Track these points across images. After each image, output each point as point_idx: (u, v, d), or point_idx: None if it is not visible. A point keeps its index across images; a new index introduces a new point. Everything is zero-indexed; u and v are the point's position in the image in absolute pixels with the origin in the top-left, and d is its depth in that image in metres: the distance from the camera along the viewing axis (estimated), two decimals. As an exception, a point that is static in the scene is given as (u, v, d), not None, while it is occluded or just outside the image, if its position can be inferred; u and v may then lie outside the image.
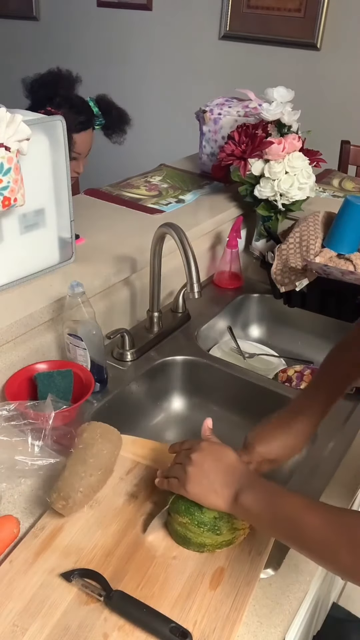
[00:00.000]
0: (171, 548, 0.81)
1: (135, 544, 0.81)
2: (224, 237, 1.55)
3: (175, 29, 3.11)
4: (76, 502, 0.81)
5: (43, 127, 1.04)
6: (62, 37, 3.53)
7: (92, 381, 1.05)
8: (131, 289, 1.28)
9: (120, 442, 0.93)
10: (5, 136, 0.91)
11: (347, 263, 1.33)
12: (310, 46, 2.72)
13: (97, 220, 1.42)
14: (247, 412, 1.19)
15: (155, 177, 1.73)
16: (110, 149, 1.73)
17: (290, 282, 1.34)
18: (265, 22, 2.79)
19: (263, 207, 1.50)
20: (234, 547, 0.80)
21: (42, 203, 1.10)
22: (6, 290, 1.10)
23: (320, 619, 1.44)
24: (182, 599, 0.74)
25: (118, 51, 3.37)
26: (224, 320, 1.44)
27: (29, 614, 0.71)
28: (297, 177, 1.43)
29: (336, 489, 0.93)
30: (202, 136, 1.72)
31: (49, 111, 1.28)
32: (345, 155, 2.33)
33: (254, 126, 1.46)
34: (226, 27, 2.92)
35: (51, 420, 0.95)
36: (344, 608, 1.59)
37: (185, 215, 1.47)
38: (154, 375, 1.21)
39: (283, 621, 0.74)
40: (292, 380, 1.32)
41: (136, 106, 1.87)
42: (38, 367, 1.07)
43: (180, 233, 1.05)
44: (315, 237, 1.37)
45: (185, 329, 1.33)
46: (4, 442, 0.92)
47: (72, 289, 1.01)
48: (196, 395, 1.26)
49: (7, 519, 0.82)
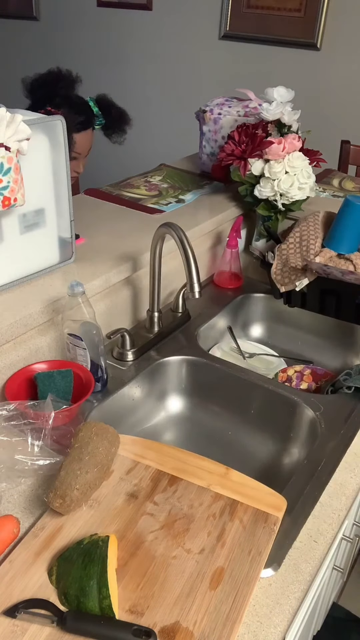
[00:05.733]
0: (171, 548, 0.81)
1: (135, 544, 0.81)
2: (224, 237, 1.55)
3: (175, 29, 3.11)
4: (73, 499, 0.81)
5: (43, 127, 1.04)
6: (62, 37, 3.53)
7: (92, 381, 1.05)
8: (131, 289, 1.28)
9: (117, 439, 0.93)
10: (5, 136, 0.91)
11: (347, 263, 1.33)
12: (310, 46, 2.72)
13: (97, 220, 1.42)
14: (247, 412, 1.20)
15: (155, 177, 1.73)
16: (110, 149, 1.73)
17: (290, 282, 1.34)
18: (265, 22, 2.79)
19: (263, 207, 1.50)
20: (234, 547, 0.80)
21: (42, 203, 1.10)
22: (6, 290, 1.10)
23: (320, 619, 1.44)
24: (182, 599, 0.74)
25: (118, 51, 3.37)
26: (224, 320, 1.44)
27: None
28: (297, 177, 1.43)
29: (336, 489, 0.93)
30: (202, 136, 1.72)
31: (48, 111, 1.28)
32: (345, 155, 2.33)
33: (254, 126, 1.46)
34: (226, 27, 2.92)
35: (51, 420, 0.95)
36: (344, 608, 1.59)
37: (185, 215, 1.47)
38: (154, 375, 1.21)
39: (283, 621, 0.74)
40: (292, 380, 1.32)
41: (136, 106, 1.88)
42: (38, 367, 1.07)
43: (180, 233, 1.05)
44: (315, 237, 1.37)
45: (185, 329, 1.33)
46: (4, 442, 0.92)
47: (72, 289, 1.01)
48: (196, 395, 1.26)
49: (7, 519, 0.82)
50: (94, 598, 0.71)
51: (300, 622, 0.98)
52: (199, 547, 0.81)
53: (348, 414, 1.09)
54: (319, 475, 0.95)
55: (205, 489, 0.90)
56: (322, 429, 1.05)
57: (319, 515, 0.88)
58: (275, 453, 1.15)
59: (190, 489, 0.90)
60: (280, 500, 0.88)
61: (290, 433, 1.14)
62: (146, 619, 0.71)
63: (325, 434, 1.03)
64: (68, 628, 0.70)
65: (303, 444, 1.12)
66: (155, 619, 0.71)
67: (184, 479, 0.92)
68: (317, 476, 0.95)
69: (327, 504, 0.90)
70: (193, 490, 0.90)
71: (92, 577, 0.73)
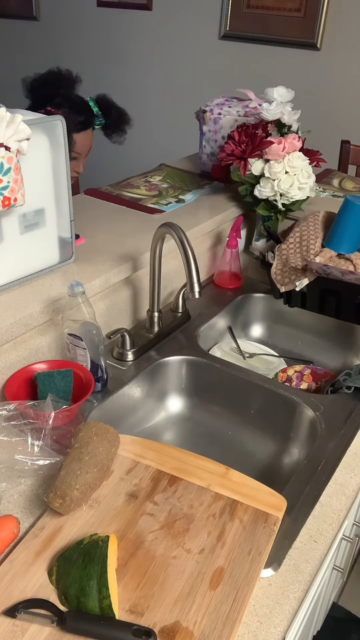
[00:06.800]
0: (171, 548, 0.81)
1: (135, 544, 0.81)
2: (224, 237, 1.55)
3: (175, 29, 3.11)
4: (73, 499, 0.81)
5: (43, 127, 1.04)
6: (62, 37, 3.53)
7: (92, 381, 1.05)
8: (131, 289, 1.28)
9: (117, 439, 0.93)
10: (5, 136, 0.91)
11: (347, 263, 1.33)
12: (310, 46, 2.72)
13: (97, 220, 1.42)
14: (247, 412, 1.20)
15: (155, 177, 1.73)
16: (110, 149, 1.73)
17: (290, 282, 1.34)
18: (265, 22, 2.79)
19: (263, 207, 1.50)
20: (234, 547, 0.80)
21: (42, 203, 1.10)
22: (6, 290, 1.10)
23: (320, 619, 1.44)
24: (182, 599, 0.74)
25: (118, 51, 3.37)
26: (224, 320, 1.44)
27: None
28: (297, 177, 1.43)
29: (336, 489, 0.93)
30: (202, 136, 1.72)
31: (49, 111, 1.28)
32: (345, 155, 2.33)
33: (254, 126, 1.46)
34: (226, 27, 2.92)
35: (51, 420, 0.95)
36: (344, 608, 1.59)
37: (185, 215, 1.47)
38: (154, 375, 1.21)
39: (283, 621, 0.74)
40: (292, 380, 1.32)
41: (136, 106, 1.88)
42: (38, 367, 1.07)
43: (180, 233, 1.05)
44: (315, 237, 1.37)
45: (185, 329, 1.33)
46: (4, 442, 0.92)
47: (72, 289, 1.01)
48: (196, 395, 1.26)
49: (7, 519, 0.82)
50: (94, 598, 0.71)
51: (300, 622, 0.98)
52: (199, 547, 0.81)
53: (348, 414, 1.09)
54: (319, 475, 0.95)
55: (205, 489, 0.90)
56: (322, 429, 1.05)
57: (319, 515, 0.88)
58: (275, 453, 1.15)
59: (190, 489, 0.90)
60: (280, 500, 0.88)
61: (290, 433, 1.14)
62: (146, 619, 0.71)
63: (325, 434, 1.03)
64: (68, 628, 0.70)
65: (303, 444, 1.12)
66: (155, 619, 0.71)
67: (184, 479, 0.92)
68: (317, 476, 0.95)
69: (327, 504, 0.90)
70: (193, 490, 0.90)
71: (92, 577, 0.73)
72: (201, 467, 0.94)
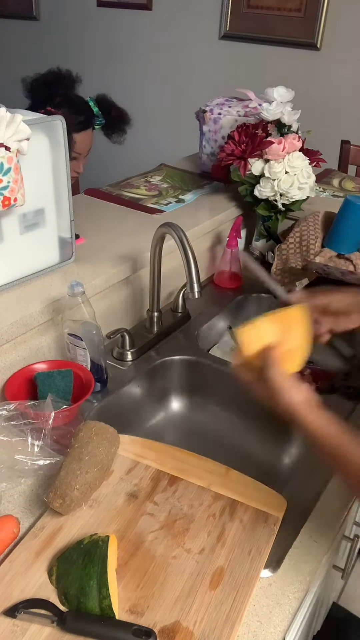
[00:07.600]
0: (171, 548, 0.81)
1: (135, 544, 0.81)
2: (224, 237, 1.55)
3: (175, 29, 3.11)
4: (73, 499, 0.81)
5: (43, 127, 1.04)
6: (62, 37, 3.53)
7: (92, 381, 1.05)
8: (131, 289, 1.28)
9: (117, 439, 0.93)
10: (5, 136, 0.91)
11: (347, 263, 1.33)
12: (310, 46, 2.72)
13: (97, 220, 1.42)
14: (247, 412, 1.19)
15: (155, 177, 1.73)
16: (110, 149, 1.73)
17: (290, 282, 1.34)
18: (265, 22, 2.79)
19: (263, 207, 1.50)
20: (234, 547, 0.80)
21: (42, 203, 1.10)
22: (6, 290, 1.10)
23: (320, 619, 1.44)
24: (182, 599, 0.74)
25: (118, 51, 3.37)
26: (224, 320, 1.44)
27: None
28: (297, 177, 1.43)
29: (336, 489, 0.93)
30: (202, 136, 1.72)
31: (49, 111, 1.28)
32: (345, 155, 2.33)
33: (254, 126, 1.46)
34: (226, 27, 2.92)
35: (51, 420, 0.95)
36: (344, 608, 1.59)
37: (185, 215, 1.47)
38: (154, 375, 1.21)
39: (283, 621, 0.74)
40: (292, 380, 1.32)
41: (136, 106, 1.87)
42: (38, 367, 1.07)
43: (180, 233, 1.05)
44: (315, 237, 1.37)
45: (185, 329, 1.33)
46: (4, 442, 0.92)
47: (72, 288, 1.01)
48: (196, 395, 1.25)
49: (7, 519, 0.82)
50: (94, 598, 0.71)
51: (300, 622, 0.98)
52: (199, 547, 0.81)
53: (348, 414, 1.09)
54: (319, 475, 0.95)
55: (205, 489, 0.90)
56: (322, 429, 1.04)
57: (318, 515, 0.88)
58: (275, 453, 1.15)
59: (190, 489, 0.90)
60: (280, 500, 0.88)
61: (290, 433, 1.14)
62: (146, 619, 0.71)
63: (325, 434, 1.03)
64: (68, 628, 0.70)
65: (303, 444, 1.12)
66: (155, 618, 0.71)
67: (184, 479, 0.92)
68: (317, 476, 0.95)
69: (326, 504, 0.90)
70: (193, 490, 0.90)
71: (92, 577, 0.73)
72: (201, 467, 0.94)
